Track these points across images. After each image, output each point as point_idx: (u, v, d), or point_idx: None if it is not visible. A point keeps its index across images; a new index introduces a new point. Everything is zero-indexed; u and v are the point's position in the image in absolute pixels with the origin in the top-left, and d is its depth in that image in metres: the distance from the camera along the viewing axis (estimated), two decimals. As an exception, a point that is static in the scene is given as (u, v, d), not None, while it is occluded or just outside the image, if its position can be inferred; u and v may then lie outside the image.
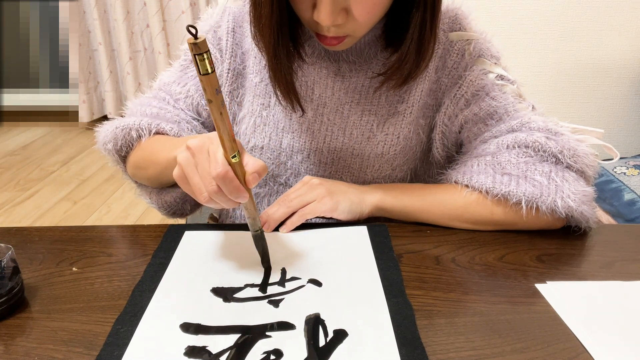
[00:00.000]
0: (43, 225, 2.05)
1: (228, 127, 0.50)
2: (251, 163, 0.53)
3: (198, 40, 0.45)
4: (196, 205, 0.81)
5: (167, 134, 0.73)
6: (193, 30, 0.45)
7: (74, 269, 0.61)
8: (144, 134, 0.72)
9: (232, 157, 0.51)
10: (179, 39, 3.11)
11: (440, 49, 0.73)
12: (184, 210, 0.80)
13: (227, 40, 0.76)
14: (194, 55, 0.46)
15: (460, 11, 0.74)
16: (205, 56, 0.46)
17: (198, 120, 0.79)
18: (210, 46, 0.76)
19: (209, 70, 0.47)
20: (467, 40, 0.73)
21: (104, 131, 0.77)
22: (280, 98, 0.71)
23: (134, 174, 0.78)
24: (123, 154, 0.76)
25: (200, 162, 0.53)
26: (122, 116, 0.79)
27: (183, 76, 0.79)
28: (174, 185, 0.76)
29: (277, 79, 0.69)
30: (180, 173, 0.55)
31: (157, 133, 0.73)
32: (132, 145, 0.74)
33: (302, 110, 0.73)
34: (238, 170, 0.52)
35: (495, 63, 0.73)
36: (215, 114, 0.49)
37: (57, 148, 3.01)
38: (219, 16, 0.78)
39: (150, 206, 0.79)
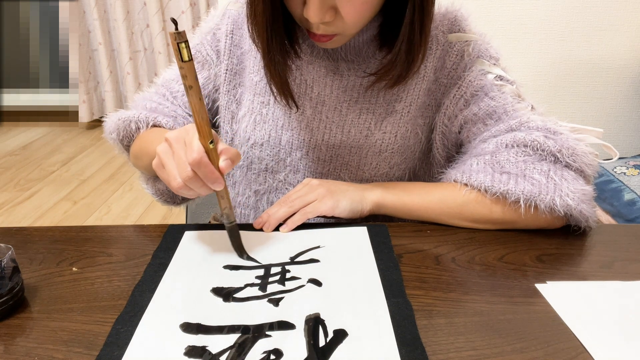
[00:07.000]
0: (43, 225, 2.05)
1: (205, 113, 0.54)
2: (225, 150, 0.56)
3: (180, 31, 0.50)
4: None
5: (163, 127, 0.77)
6: (174, 24, 0.50)
7: (74, 269, 0.61)
8: (142, 126, 0.77)
9: (210, 143, 0.55)
10: (179, 39, 3.11)
11: (439, 50, 0.73)
12: (175, 199, 0.85)
13: (225, 42, 0.79)
14: (178, 43, 0.50)
15: (459, 13, 0.75)
16: (185, 45, 0.50)
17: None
18: (208, 47, 0.81)
19: (190, 58, 0.51)
20: (466, 41, 0.73)
21: (110, 122, 0.82)
22: (275, 94, 0.73)
23: (134, 163, 0.83)
24: (125, 143, 0.81)
25: (176, 150, 0.56)
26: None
27: None
28: None
29: (271, 75, 0.71)
30: (157, 161, 0.59)
31: (154, 126, 0.77)
32: (132, 136, 0.79)
33: (297, 106, 0.75)
34: (214, 157, 0.55)
35: (494, 64, 0.73)
36: (196, 100, 0.53)
37: (57, 148, 3.01)
38: (219, 19, 0.81)
39: (146, 192, 0.85)
